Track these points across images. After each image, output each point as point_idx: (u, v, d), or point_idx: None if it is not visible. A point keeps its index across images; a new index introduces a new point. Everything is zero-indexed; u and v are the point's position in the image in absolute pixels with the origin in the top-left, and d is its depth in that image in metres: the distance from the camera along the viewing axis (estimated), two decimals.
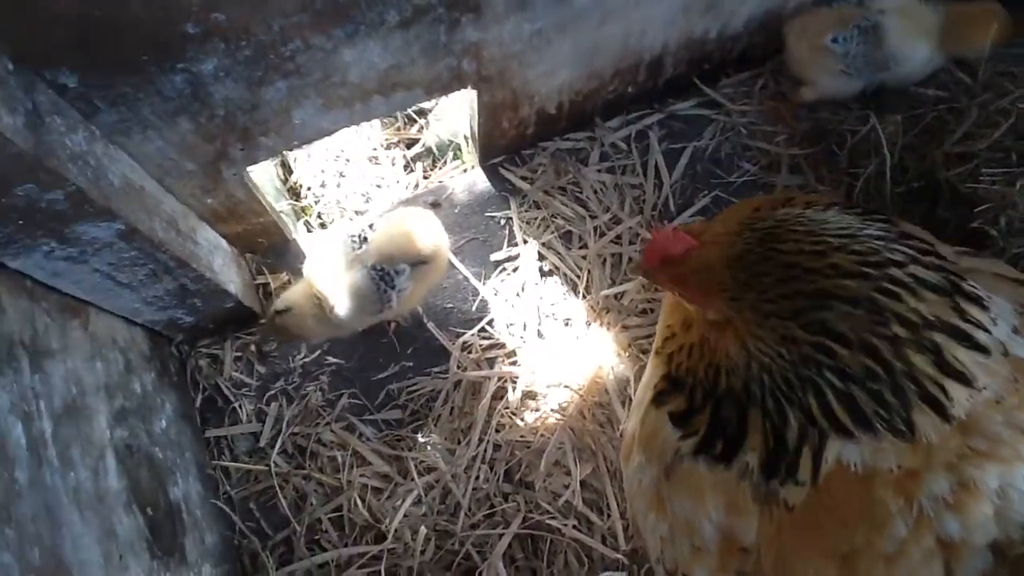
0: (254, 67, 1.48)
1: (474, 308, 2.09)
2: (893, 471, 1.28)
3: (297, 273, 2.10)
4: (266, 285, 2.10)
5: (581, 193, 2.16)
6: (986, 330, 1.29)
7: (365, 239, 1.83)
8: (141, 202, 1.54)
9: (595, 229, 2.12)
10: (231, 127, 1.62)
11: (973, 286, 1.34)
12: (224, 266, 1.90)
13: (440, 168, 2.39)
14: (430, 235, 1.87)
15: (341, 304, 1.78)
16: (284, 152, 1.91)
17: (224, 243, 1.96)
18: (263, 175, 2.28)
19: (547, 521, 1.86)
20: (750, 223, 1.33)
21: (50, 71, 1.29)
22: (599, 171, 2.18)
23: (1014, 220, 1.69)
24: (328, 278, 1.80)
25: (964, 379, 1.24)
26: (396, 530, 1.84)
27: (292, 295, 1.82)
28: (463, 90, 1.83)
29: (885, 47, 1.97)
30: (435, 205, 2.18)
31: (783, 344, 1.28)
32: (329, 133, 1.78)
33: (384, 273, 1.81)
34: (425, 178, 2.38)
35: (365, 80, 1.65)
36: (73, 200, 1.33)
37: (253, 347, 2.06)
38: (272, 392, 2.02)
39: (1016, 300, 1.45)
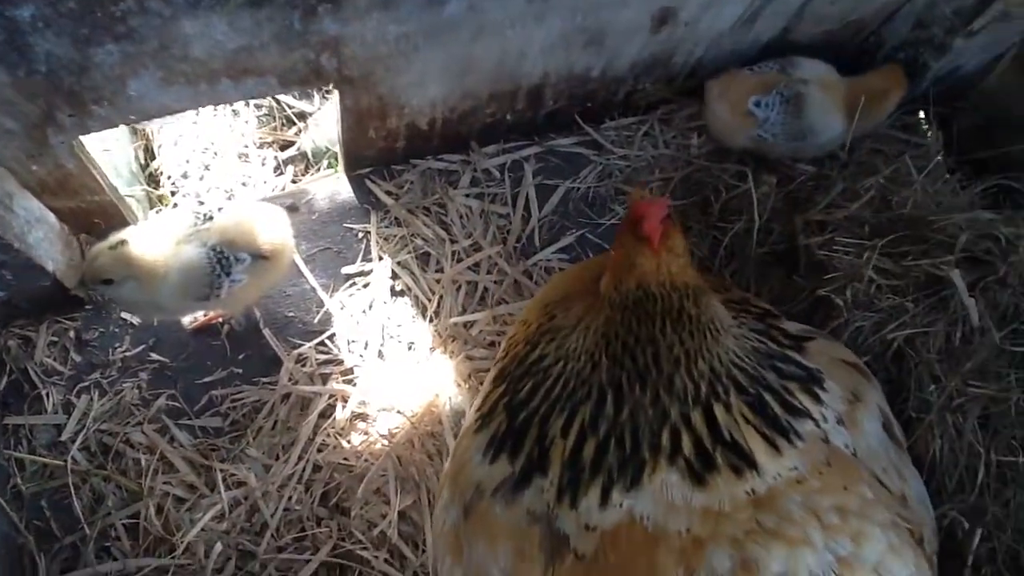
0: (79, 23, 1.38)
1: (316, 320, 1.99)
2: (681, 534, 1.25)
3: None
4: None
5: (446, 216, 2.10)
6: (812, 419, 1.31)
7: (210, 217, 1.73)
8: None
9: (453, 253, 2.05)
10: (56, 88, 1.50)
11: (816, 371, 1.40)
12: (44, 241, 1.76)
13: (312, 175, 2.30)
14: (276, 232, 1.78)
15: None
16: (129, 126, 1.80)
17: (52, 218, 1.83)
18: (119, 156, 2.16)
19: (358, 551, 1.76)
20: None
21: None
22: (467, 196, 2.12)
23: (859, 292, 1.68)
24: (159, 246, 1.69)
25: (774, 450, 1.27)
26: (190, 544, 1.72)
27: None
28: (323, 87, 1.76)
29: (804, 118, 1.98)
30: (292, 209, 2.08)
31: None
32: (173, 111, 1.68)
33: (222, 256, 1.71)
34: (294, 182, 2.29)
35: (211, 59, 1.56)
36: None
37: (72, 333, 1.92)
38: (85, 384, 1.88)
39: (848, 387, 1.46)
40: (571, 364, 1.42)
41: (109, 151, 2.08)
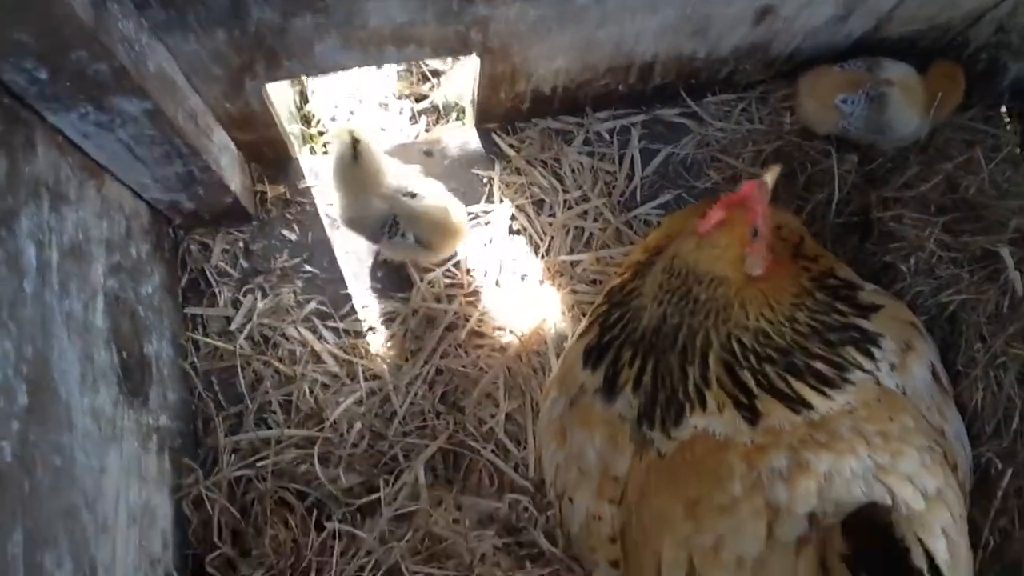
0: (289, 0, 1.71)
1: None
2: (747, 444, 1.54)
3: (294, 189, 2.35)
4: (264, 193, 2.33)
5: (560, 169, 2.40)
6: (863, 369, 1.59)
7: (414, 195, 2.06)
8: (170, 92, 1.75)
9: (564, 202, 2.35)
10: (259, 45, 1.83)
11: (875, 334, 1.65)
12: (229, 166, 2.12)
13: (442, 124, 2.62)
14: (448, 235, 2.11)
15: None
16: (302, 77, 2.12)
17: (233, 146, 2.18)
18: (281, 97, 2.50)
19: (470, 442, 2.09)
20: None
21: None
22: (580, 153, 2.41)
23: (921, 261, 1.93)
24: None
25: (822, 395, 1.55)
26: (335, 421, 2.07)
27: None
28: (468, 56, 2.05)
29: (885, 115, 2.18)
30: (427, 154, 2.41)
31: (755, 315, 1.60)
32: (344, 68, 2.00)
33: (395, 224, 2.04)
34: (426, 131, 2.61)
35: (382, 29, 1.86)
36: (115, 74, 1.53)
37: (241, 244, 2.28)
38: (250, 286, 2.24)
39: (902, 339, 1.72)
40: (642, 301, 1.69)
41: (272, 90, 2.42)
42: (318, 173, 2.37)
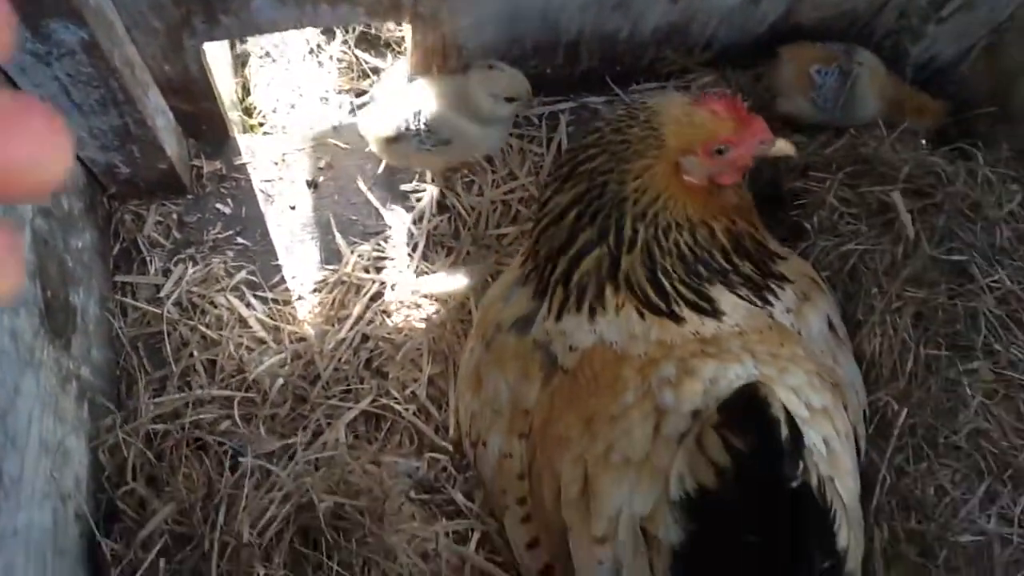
0: None
1: (375, 224, 2.37)
2: (640, 356, 1.59)
3: (230, 165, 2.41)
4: (200, 168, 2.38)
5: None
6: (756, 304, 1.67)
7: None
8: (109, 30, 1.79)
9: (492, 181, 2.43)
10: None
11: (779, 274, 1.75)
12: (166, 129, 2.16)
13: None
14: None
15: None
16: (238, 38, 2.19)
17: (170, 114, 2.23)
18: (223, 86, 2.59)
19: (392, 405, 2.11)
20: None
21: None
22: (510, 135, 2.49)
23: (824, 218, 2.01)
24: None
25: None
26: (258, 381, 2.09)
27: None
28: (400, 22, 2.14)
29: (852, 93, 2.26)
30: (363, 136, 2.48)
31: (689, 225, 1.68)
32: (280, 28, 2.07)
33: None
34: None
35: None
36: None
37: (175, 215, 2.33)
38: (182, 256, 2.28)
39: (801, 290, 1.79)
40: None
41: (214, 66, 2.50)
42: (255, 151, 2.44)
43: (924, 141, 2.26)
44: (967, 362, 1.79)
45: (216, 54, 2.58)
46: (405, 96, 2.23)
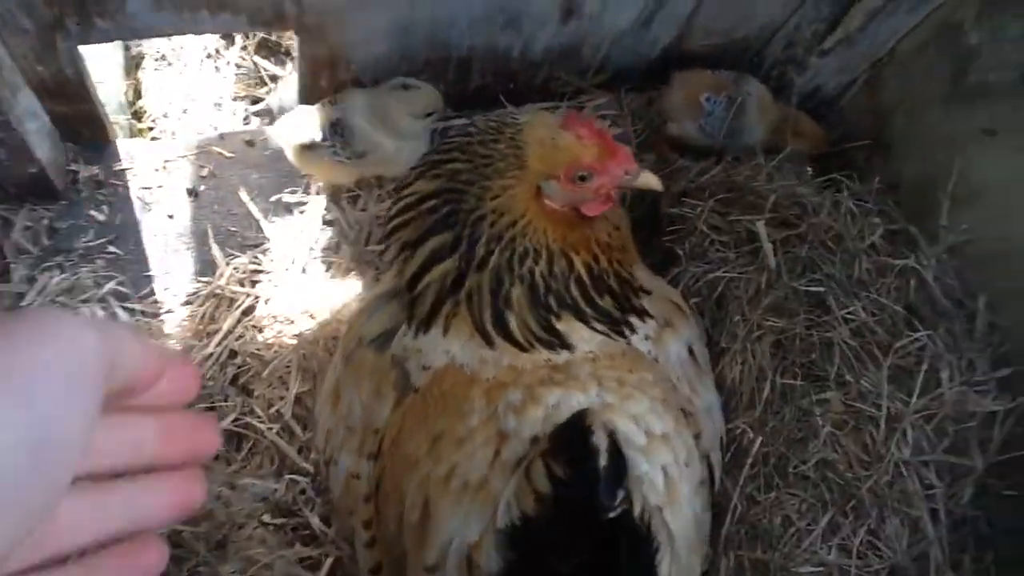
0: None
1: (254, 236, 2.32)
2: (489, 380, 1.55)
3: (108, 171, 2.34)
4: (76, 172, 2.32)
5: None
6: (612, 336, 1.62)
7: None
8: None
9: (377, 196, 2.39)
10: None
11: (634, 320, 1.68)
12: (37, 133, 2.08)
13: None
14: None
15: None
16: (116, 42, 2.13)
17: (47, 118, 2.15)
18: (112, 88, 2.53)
19: (256, 423, 2.06)
20: None
21: None
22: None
23: (695, 245, 2.00)
24: None
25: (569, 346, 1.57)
26: None
27: None
28: (285, 30, 2.09)
29: (739, 120, 2.28)
30: (249, 144, 2.44)
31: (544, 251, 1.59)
32: (160, 33, 2.03)
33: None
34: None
35: None
36: None
37: (45, 221, 2.25)
38: (49, 265, 2.21)
39: (664, 316, 1.76)
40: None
41: (103, 83, 2.44)
42: (135, 156, 2.38)
43: (809, 169, 2.28)
44: (820, 392, 1.78)
45: (107, 55, 2.54)
46: (324, 105, 2.20)
